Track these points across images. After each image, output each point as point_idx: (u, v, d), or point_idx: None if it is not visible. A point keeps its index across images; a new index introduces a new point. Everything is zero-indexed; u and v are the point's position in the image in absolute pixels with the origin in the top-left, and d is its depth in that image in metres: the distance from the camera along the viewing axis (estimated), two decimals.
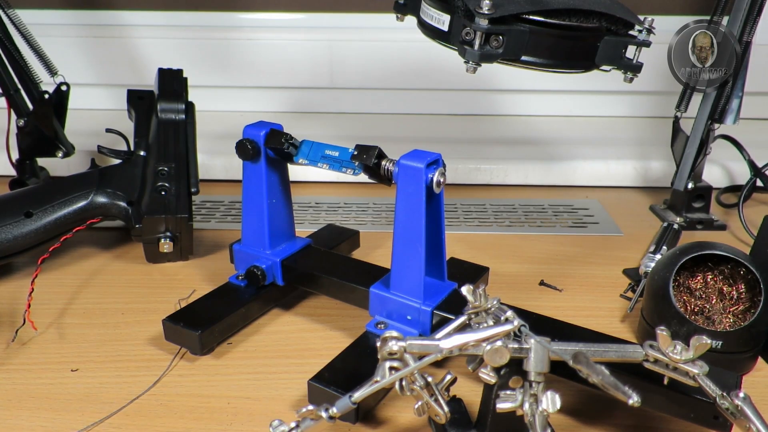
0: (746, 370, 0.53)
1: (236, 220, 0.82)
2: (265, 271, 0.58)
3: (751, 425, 0.36)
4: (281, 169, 0.58)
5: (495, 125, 1.13)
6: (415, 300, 0.51)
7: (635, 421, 0.47)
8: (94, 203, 0.67)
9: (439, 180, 0.48)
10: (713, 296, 0.55)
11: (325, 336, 0.58)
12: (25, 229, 0.64)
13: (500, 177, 0.95)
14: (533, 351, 0.38)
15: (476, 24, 0.49)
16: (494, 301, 0.41)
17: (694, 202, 0.82)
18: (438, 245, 0.52)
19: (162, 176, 0.69)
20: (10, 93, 0.75)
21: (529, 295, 0.64)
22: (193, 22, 1.11)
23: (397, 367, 0.38)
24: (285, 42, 1.10)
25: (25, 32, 0.75)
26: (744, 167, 0.83)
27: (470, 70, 0.51)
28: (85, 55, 1.09)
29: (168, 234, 0.68)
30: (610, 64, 0.56)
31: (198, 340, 0.52)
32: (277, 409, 0.48)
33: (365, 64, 1.10)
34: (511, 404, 0.37)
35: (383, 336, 0.39)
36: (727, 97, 0.75)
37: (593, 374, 0.35)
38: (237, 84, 1.13)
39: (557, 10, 0.51)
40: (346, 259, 0.63)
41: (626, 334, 0.58)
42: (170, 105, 0.71)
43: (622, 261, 0.71)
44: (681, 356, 0.37)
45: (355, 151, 0.51)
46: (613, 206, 0.88)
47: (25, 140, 0.78)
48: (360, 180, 0.53)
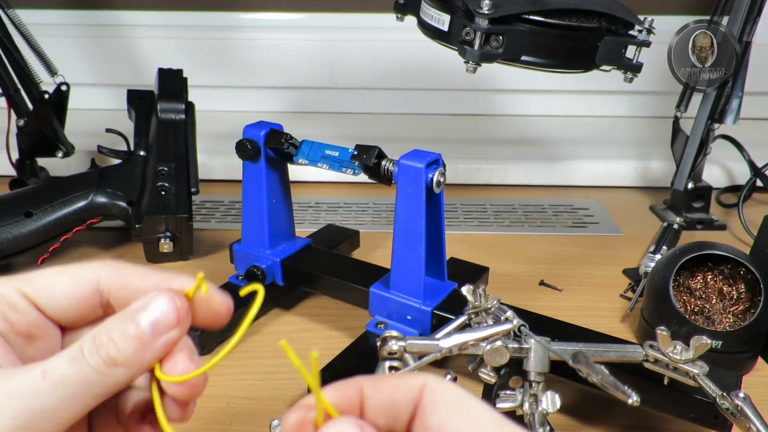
0: (746, 370, 0.53)
1: (236, 220, 0.82)
2: (265, 271, 0.58)
3: (751, 425, 0.36)
4: (281, 169, 0.58)
5: (495, 125, 1.12)
6: (415, 300, 0.51)
7: (635, 421, 0.47)
8: (94, 203, 0.67)
9: (439, 180, 0.48)
10: (713, 296, 0.55)
11: (325, 336, 0.58)
12: (25, 229, 0.64)
13: (500, 177, 0.95)
14: (533, 351, 0.38)
15: (476, 24, 0.49)
16: (494, 301, 0.41)
17: (694, 202, 0.82)
18: (438, 245, 0.52)
19: (162, 176, 0.68)
20: (10, 93, 0.75)
21: (529, 295, 0.64)
22: (193, 22, 1.11)
23: (397, 367, 0.38)
24: (285, 42, 1.10)
25: (25, 32, 0.75)
26: (744, 167, 0.83)
27: (470, 70, 0.51)
28: (85, 55, 1.09)
29: (168, 234, 0.68)
30: (610, 64, 0.56)
31: (198, 340, 0.52)
32: (277, 409, 0.48)
33: (365, 64, 1.10)
34: (511, 404, 0.37)
35: (383, 336, 0.39)
36: (727, 97, 0.75)
37: (593, 374, 0.35)
38: (237, 84, 1.13)
39: (557, 10, 0.51)
40: (346, 259, 0.63)
41: (626, 334, 0.58)
42: (170, 105, 0.71)
43: (622, 261, 0.71)
44: (681, 356, 0.37)
45: (355, 151, 0.51)
46: (613, 206, 0.88)
47: (25, 140, 0.78)
48: (360, 180, 0.52)
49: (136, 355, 0.23)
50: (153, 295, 0.24)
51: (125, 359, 0.23)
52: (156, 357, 0.24)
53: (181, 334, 0.24)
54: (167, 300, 0.24)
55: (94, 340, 0.24)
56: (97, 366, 0.23)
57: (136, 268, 0.27)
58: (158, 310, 0.24)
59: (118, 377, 0.23)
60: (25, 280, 0.26)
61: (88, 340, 0.24)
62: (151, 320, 0.24)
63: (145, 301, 0.24)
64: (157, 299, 0.24)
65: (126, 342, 0.23)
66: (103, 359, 0.23)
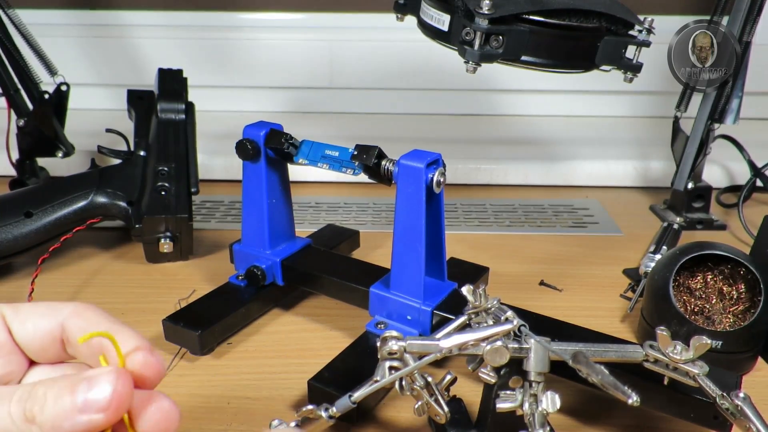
0: (746, 370, 0.53)
1: (236, 220, 0.82)
2: (265, 271, 0.58)
3: (751, 425, 0.36)
4: (281, 169, 0.58)
5: (495, 125, 1.12)
6: (415, 300, 0.51)
7: (635, 421, 0.47)
8: (94, 203, 0.67)
9: (439, 180, 0.48)
10: (713, 296, 0.55)
11: (325, 336, 0.58)
12: (25, 229, 0.64)
13: (500, 177, 0.95)
14: (533, 351, 0.38)
15: (476, 24, 0.49)
16: (494, 301, 0.41)
17: (694, 202, 0.82)
18: (438, 245, 0.52)
19: (162, 176, 0.68)
20: (10, 93, 0.75)
21: (529, 295, 0.64)
22: (193, 22, 1.11)
23: (397, 367, 0.38)
24: (285, 42, 1.10)
25: (25, 32, 0.75)
26: (744, 167, 0.83)
27: (470, 70, 0.51)
28: (85, 55, 1.09)
29: (168, 234, 0.68)
30: (610, 64, 0.56)
31: (198, 340, 0.52)
32: (277, 409, 0.48)
33: (365, 64, 1.10)
34: (511, 404, 0.37)
35: (383, 336, 0.39)
36: (727, 97, 0.75)
37: (593, 374, 0.35)
38: (237, 84, 1.13)
39: (557, 10, 0.51)
40: (346, 259, 0.63)
41: (626, 334, 0.58)
42: (170, 105, 0.71)
43: (622, 261, 0.71)
44: (681, 356, 0.37)
45: (355, 151, 0.51)
46: (613, 206, 0.88)
47: (25, 140, 0.78)
48: (360, 180, 0.52)
49: (54, 423, 0.23)
50: (102, 373, 0.24)
51: (42, 423, 0.23)
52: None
53: (106, 421, 0.24)
54: (110, 381, 0.24)
55: (32, 390, 0.24)
56: (15, 416, 0.23)
57: (100, 318, 0.27)
58: (98, 389, 0.24)
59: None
60: (12, 307, 0.27)
61: (25, 388, 0.24)
62: (86, 397, 0.23)
63: (93, 375, 0.24)
64: (104, 377, 0.24)
65: (53, 407, 0.23)
66: (24, 413, 0.23)
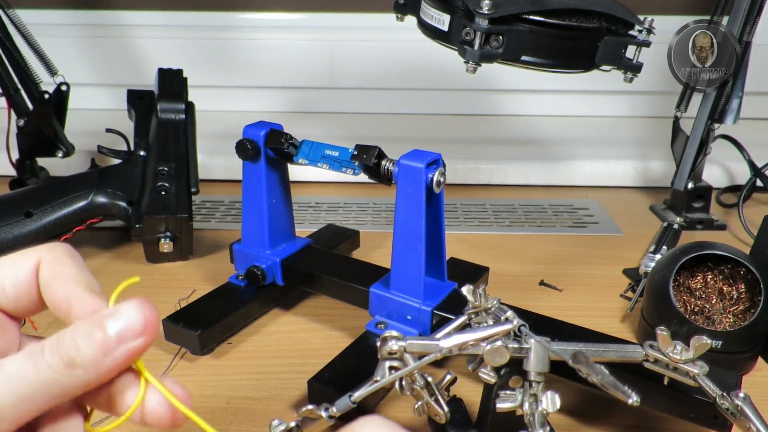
0: (746, 370, 0.53)
1: (236, 220, 0.82)
2: (265, 271, 0.58)
3: (751, 425, 0.36)
4: (281, 169, 0.58)
5: (495, 125, 1.12)
6: (415, 300, 0.51)
7: (635, 421, 0.47)
8: (94, 203, 0.67)
9: (439, 180, 0.48)
10: (713, 296, 0.55)
11: (325, 336, 0.58)
12: (25, 229, 0.64)
13: (500, 177, 0.95)
14: (533, 351, 0.38)
15: (476, 24, 0.49)
16: (494, 301, 0.41)
17: (694, 202, 0.82)
18: (438, 245, 0.52)
19: (162, 176, 0.68)
20: (10, 93, 0.75)
21: (529, 295, 0.64)
22: (193, 22, 1.11)
23: (397, 367, 0.38)
24: (285, 42, 1.10)
25: (25, 32, 0.75)
26: (744, 167, 0.83)
27: (470, 70, 0.51)
28: (85, 55, 1.09)
29: (168, 234, 0.68)
30: (610, 64, 0.56)
31: (198, 340, 0.52)
32: (277, 409, 0.48)
33: (365, 64, 1.10)
34: (511, 404, 0.37)
35: (383, 336, 0.39)
36: (727, 97, 0.75)
37: (593, 374, 0.35)
38: (237, 84, 1.13)
39: (557, 10, 0.51)
40: (346, 259, 0.63)
41: (626, 334, 0.58)
42: (170, 105, 0.71)
43: (622, 261, 0.71)
44: (681, 356, 0.37)
45: (355, 151, 0.51)
46: (613, 206, 0.88)
47: (25, 140, 0.78)
48: (360, 180, 0.52)
49: (96, 359, 0.23)
50: (124, 304, 0.24)
51: (84, 362, 0.23)
52: (117, 365, 0.24)
53: (146, 344, 0.24)
54: (137, 309, 0.24)
55: (58, 339, 0.23)
56: (54, 365, 0.23)
57: (74, 268, 0.26)
58: (127, 318, 0.24)
59: (74, 379, 0.23)
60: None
61: (51, 339, 0.23)
62: (119, 328, 0.23)
63: (116, 309, 0.24)
64: (127, 307, 0.24)
65: (89, 345, 0.23)
66: (62, 358, 0.23)
